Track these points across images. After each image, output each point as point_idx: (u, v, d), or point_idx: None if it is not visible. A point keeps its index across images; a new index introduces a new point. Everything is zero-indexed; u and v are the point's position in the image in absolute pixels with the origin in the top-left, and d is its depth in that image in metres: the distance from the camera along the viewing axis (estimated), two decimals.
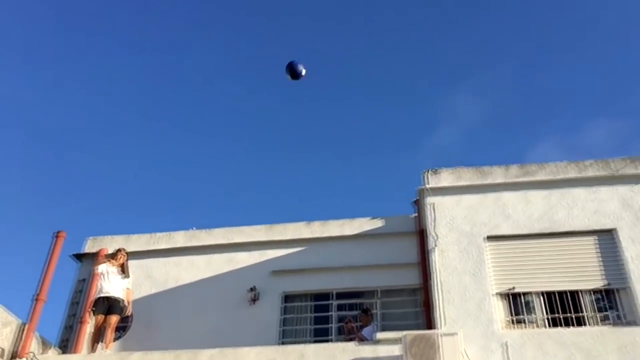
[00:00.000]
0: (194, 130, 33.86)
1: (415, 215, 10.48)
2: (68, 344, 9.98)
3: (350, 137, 33.81)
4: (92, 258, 10.61)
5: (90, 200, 32.35)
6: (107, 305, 8.82)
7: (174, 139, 33.09)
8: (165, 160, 33.48)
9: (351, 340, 8.52)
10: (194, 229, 11.39)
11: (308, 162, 34.01)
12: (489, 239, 9.09)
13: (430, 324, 8.80)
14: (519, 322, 8.47)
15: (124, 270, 9.17)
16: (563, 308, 8.46)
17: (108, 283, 8.95)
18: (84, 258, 11.04)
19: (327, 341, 9.46)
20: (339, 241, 10.67)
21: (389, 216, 10.81)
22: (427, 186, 9.65)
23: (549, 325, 8.37)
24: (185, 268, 10.86)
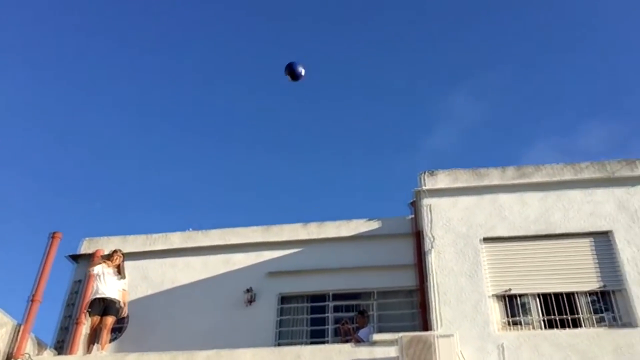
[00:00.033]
0: (193, 130, 33.88)
1: (411, 216, 10.49)
2: (64, 345, 9.96)
3: (348, 137, 33.88)
4: (88, 259, 10.61)
5: (87, 201, 32.33)
6: (103, 307, 8.81)
7: (173, 138, 33.11)
8: (164, 161, 33.51)
9: (347, 341, 8.53)
10: (190, 230, 11.38)
11: (307, 162, 34.05)
12: (485, 240, 9.10)
13: (426, 325, 8.81)
14: (515, 323, 8.48)
15: (120, 271, 9.16)
16: (559, 310, 8.48)
17: (104, 284, 8.94)
18: (80, 259, 11.01)
19: (323, 343, 9.45)
20: (336, 242, 10.67)
21: (386, 217, 10.82)
22: (423, 188, 9.65)
23: (545, 327, 8.39)
24: (182, 269, 10.84)
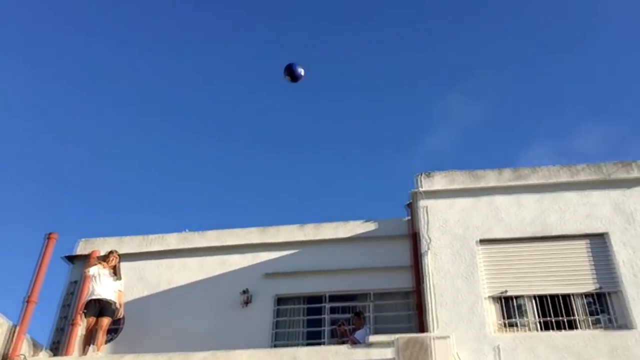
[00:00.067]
0: (193, 130, 33.82)
1: (408, 218, 10.49)
2: (59, 346, 9.93)
3: (348, 137, 33.85)
4: (84, 260, 10.58)
5: (83, 201, 32.25)
6: (99, 308, 8.78)
7: (173, 139, 33.05)
8: (163, 161, 33.45)
9: (344, 343, 8.52)
10: (186, 231, 11.37)
11: (306, 162, 34.02)
12: (481, 242, 9.12)
13: (422, 327, 8.81)
14: (511, 325, 8.50)
15: (116, 272, 9.13)
16: (555, 311, 8.49)
17: (100, 285, 8.91)
18: (75, 260, 10.99)
19: (319, 344, 9.43)
20: (332, 244, 10.67)
21: (383, 219, 10.82)
22: (420, 189, 9.67)
23: (541, 329, 8.40)
24: (178, 270, 10.83)
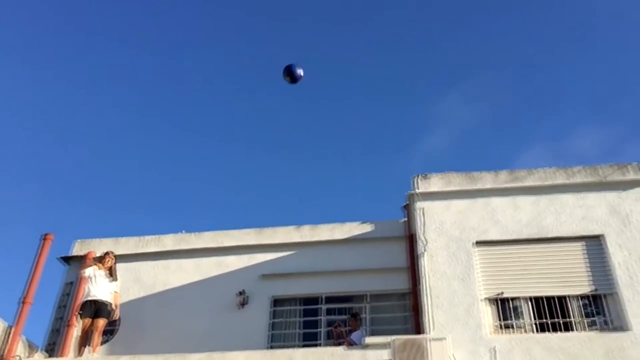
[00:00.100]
0: (192, 130, 33.81)
1: (405, 219, 10.50)
2: (55, 347, 9.91)
3: (347, 137, 33.90)
4: (80, 261, 10.56)
5: (80, 202, 32.17)
6: (95, 309, 8.75)
7: (173, 138, 33.04)
8: (163, 161, 33.41)
9: (340, 344, 8.51)
10: (183, 232, 11.36)
11: (306, 162, 34.06)
12: (477, 244, 9.13)
13: (419, 328, 8.82)
14: (507, 327, 8.51)
15: (111, 273, 9.11)
16: (551, 313, 8.50)
17: (95, 286, 8.88)
18: (71, 261, 10.96)
19: (316, 345, 9.44)
20: (329, 245, 10.67)
21: (379, 221, 10.83)
22: (416, 191, 9.68)
23: (537, 331, 8.42)
24: (174, 271, 10.81)
